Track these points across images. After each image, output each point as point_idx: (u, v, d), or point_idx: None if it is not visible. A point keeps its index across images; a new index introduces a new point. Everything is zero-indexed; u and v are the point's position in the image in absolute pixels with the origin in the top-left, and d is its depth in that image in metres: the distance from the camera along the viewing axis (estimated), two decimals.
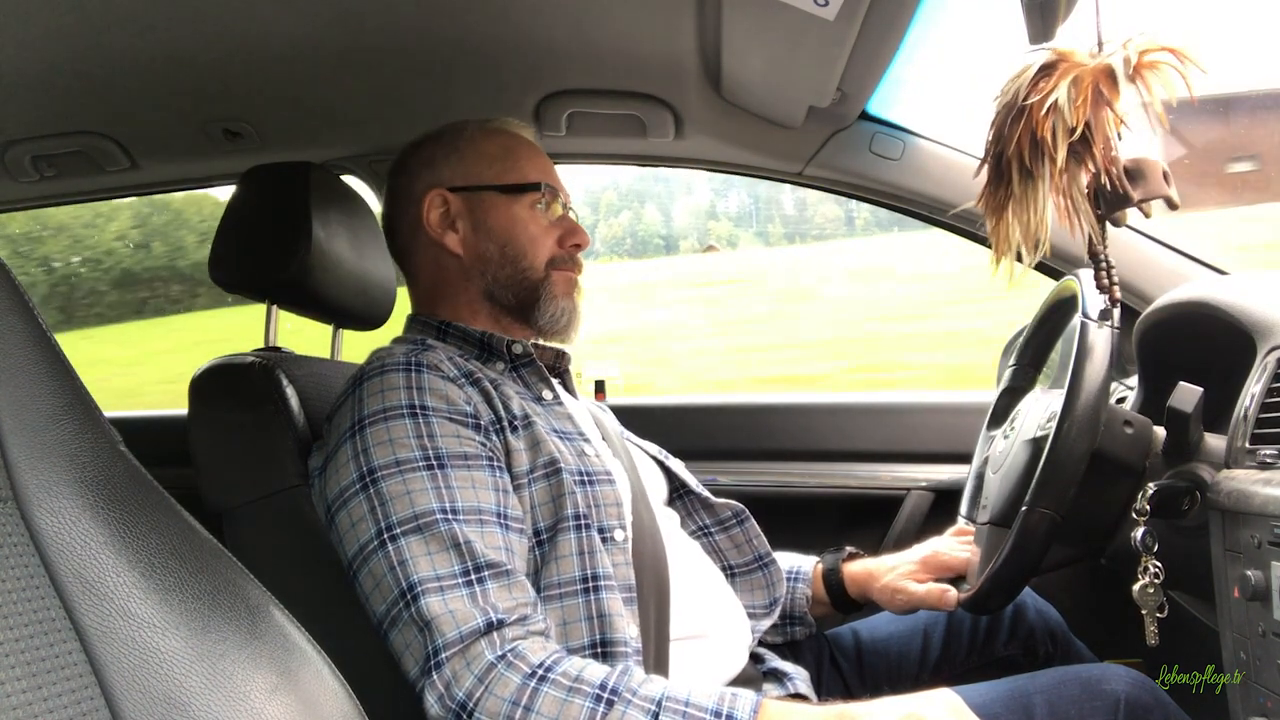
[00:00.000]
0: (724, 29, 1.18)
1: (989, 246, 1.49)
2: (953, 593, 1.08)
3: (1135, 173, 0.83)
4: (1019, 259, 0.88)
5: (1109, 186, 0.83)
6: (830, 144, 1.47)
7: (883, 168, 1.47)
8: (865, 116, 1.45)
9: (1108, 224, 0.87)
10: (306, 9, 1.17)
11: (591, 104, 1.45)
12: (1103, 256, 0.88)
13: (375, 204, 1.62)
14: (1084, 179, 0.84)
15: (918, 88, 1.41)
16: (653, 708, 0.77)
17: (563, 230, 1.12)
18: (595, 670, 0.80)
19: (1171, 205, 0.85)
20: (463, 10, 1.21)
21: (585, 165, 1.74)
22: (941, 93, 1.51)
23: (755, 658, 1.11)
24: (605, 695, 0.77)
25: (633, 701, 0.77)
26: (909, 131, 1.46)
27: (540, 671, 0.78)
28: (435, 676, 0.79)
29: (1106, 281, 0.89)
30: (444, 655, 0.80)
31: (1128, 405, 1.14)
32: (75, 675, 0.49)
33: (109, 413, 0.56)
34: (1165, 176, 0.84)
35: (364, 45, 1.27)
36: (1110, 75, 0.79)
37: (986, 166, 0.89)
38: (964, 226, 1.49)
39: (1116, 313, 0.94)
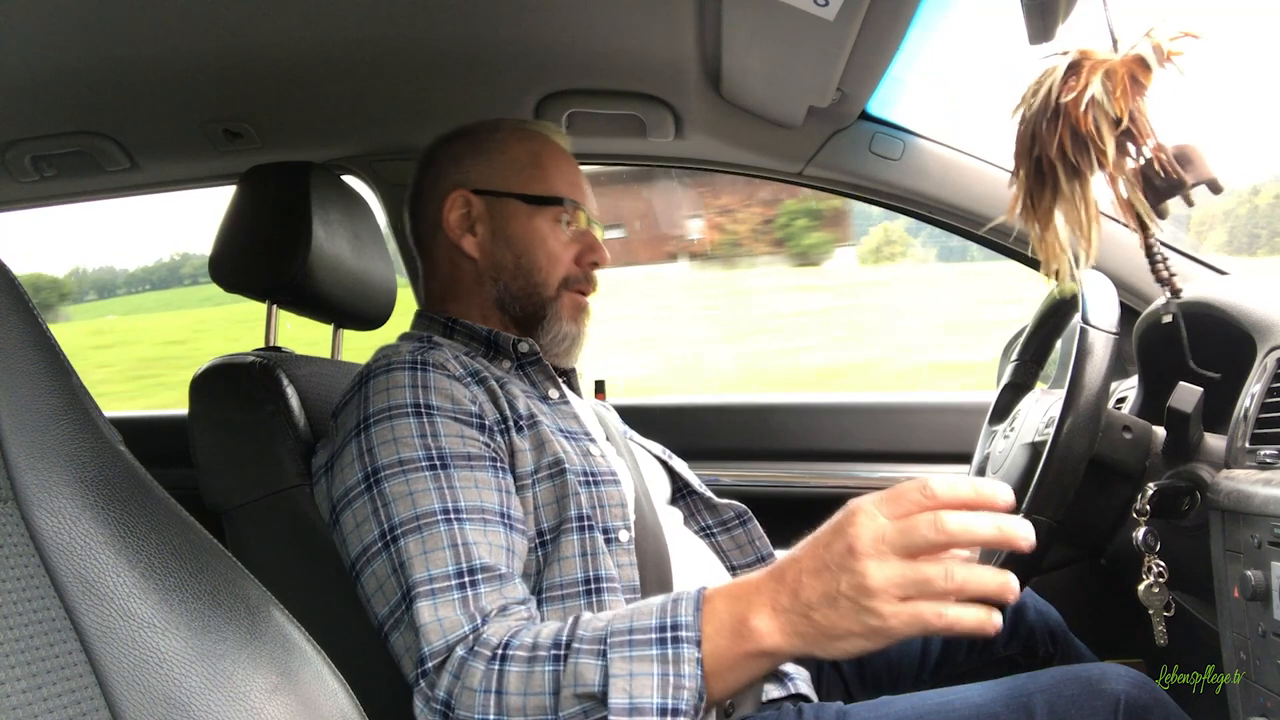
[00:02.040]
0: (724, 29, 1.18)
1: (989, 247, 1.49)
2: None
3: (1183, 158, 0.82)
4: (1072, 274, 0.87)
5: (1162, 174, 0.81)
6: (830, 144, 1.47)
7: (883, 168, 1.47)
8: (865, 116, 1.45)
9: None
10: (307, 10, 1.17)
11: (591, 104, 1.45)
12: (1157, 249, 0.87)
13: (375, 204, 1.62)
14: (1128, 170, 0.83)
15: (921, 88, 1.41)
16: (599, 646, 0.74)
17: (582, 247, 1.11)
18: (549, 630, 0.78)
19: (1216, 189, 0.84)
20: (463, 10, 1.21)
21: (585, 165, 1.74)
22: (944, 95, 1.52)
23: None
24: (559, 652, 0.75)
25: (581, 649, 0.75)
26: (909, 131, 1.46)
27: (501, 651, 0.77)
28: (424, 683, 0.79)
29: (1166, 274, 0.88)
30: (431, 664, 0.79)
31: (1127, 405, 1.14)
32: (75, 675, 0.49)
33: (109, 413, 0.56)
34: (1208, 160, 0.83)
35: (364, 45, 1.27)
36: (1143, 64, 0.78)
37: (1021, 177, 0.87)
38: (966, 228, 1.48)
39: (1165, 305, 0.92)
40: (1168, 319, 0.92)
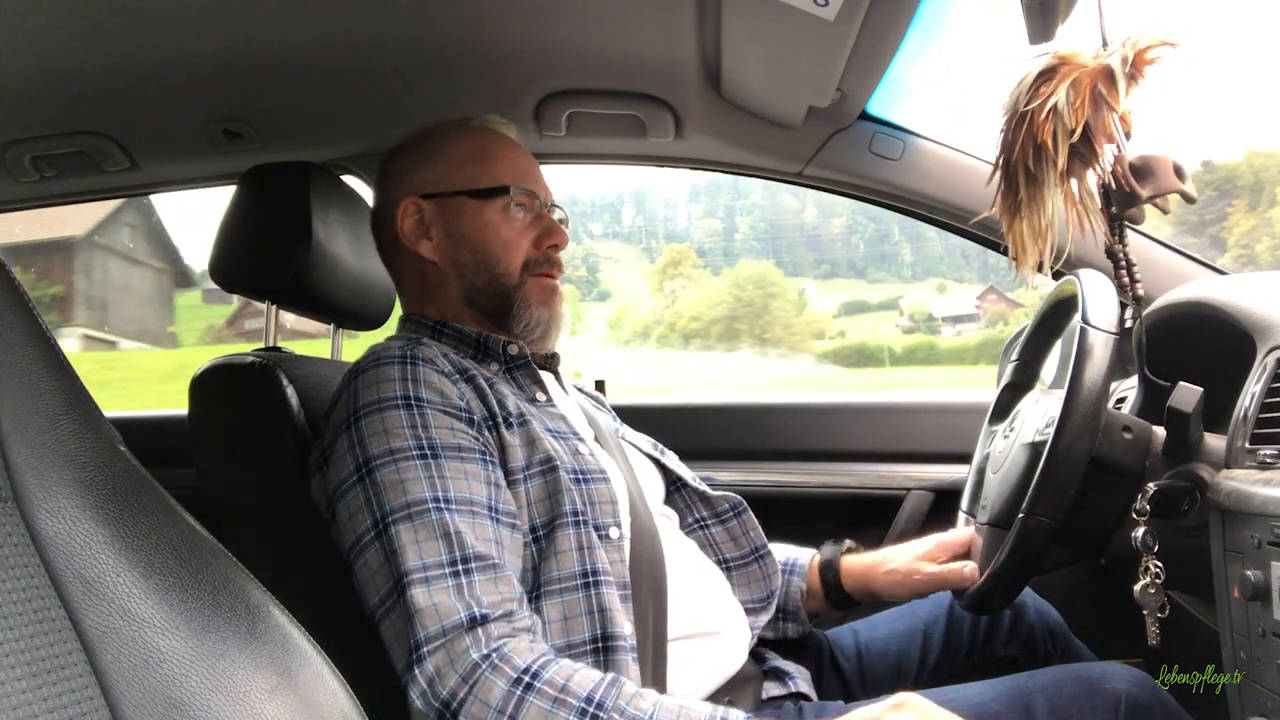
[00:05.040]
0: (724, 29, 1.18)
1: (989, 246, 1.49)
2: (971, 566, 1.08)
3: (1143, 170, 0.82)
4: (1039, 268, 0.88)
5: (1114, 185, 0.82)
6: (830, 144, 1.47)
7: (882, 168, 1.47)
8: (865, 116, 1.45)
9: (1125, 223, 0.86)
10: (307, 10, 1.17)
11: (591, 104, 1.45)
12: (1121, 255, 0.88)
13: None
14: (1092, 179, 0.84)
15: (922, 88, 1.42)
16: None
17: (539, 231, 1.11)
18: (583, 679, 0.78)
19: (1188, 199, 0.85)
20: (463, 11, 1.21)
21: (585, 165, 1.74)
22: (942, 94, 1.52)
23: (756, 657, 1.11)
24: (591, 710, 0.76)
25: None
26: (909, 131, 1.46)
27: (526, 678, 0.77)
28: (418, 670, 0.79)
29: (1127, 280, 0.89)
30: (426, 649, 0.79)
31: (1127, 405, 1.14)
32: (75, 675, 0.49)
33: (109, 413, 0.56)
34: (1178, 172, 0.84)
35: (364, 45, 1.27)
36: (1108, 75, 0.79)
37: (998, 174, 0.89)
38: (965, 227, 1.49)
39: (1129, 312, 0.93)
40: (1129, 325, 0.92)
